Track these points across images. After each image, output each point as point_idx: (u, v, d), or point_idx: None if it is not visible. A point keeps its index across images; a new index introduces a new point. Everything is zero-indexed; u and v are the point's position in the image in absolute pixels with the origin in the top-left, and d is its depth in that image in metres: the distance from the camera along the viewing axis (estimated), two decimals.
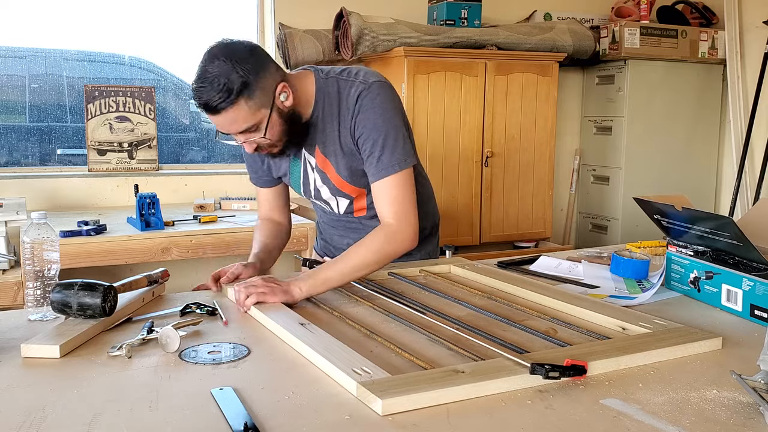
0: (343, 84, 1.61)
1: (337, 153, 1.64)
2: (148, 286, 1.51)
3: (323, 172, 1.69)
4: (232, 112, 1.46)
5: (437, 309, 1.45)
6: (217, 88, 1.43)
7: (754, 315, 1.42)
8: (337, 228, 1.88)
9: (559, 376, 1.06)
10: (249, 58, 1.48)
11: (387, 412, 0.96)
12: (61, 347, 1.17)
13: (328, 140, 1.64)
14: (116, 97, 3.36)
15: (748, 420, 0.96)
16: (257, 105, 1.48)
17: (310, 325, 1.28)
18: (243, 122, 1.49)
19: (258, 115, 1.50)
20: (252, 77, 1.46)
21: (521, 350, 1.20)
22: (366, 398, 0.99)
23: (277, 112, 1.53)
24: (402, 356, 1.18)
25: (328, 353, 1.13)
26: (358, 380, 1.01)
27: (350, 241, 1.75)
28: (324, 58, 3.51)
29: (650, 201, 1.65)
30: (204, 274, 3.36)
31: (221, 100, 1.44)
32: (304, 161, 1.70)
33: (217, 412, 0.96)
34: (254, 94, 1.47)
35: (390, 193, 1.58)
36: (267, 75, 1.50)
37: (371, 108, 1.57)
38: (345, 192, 1.71)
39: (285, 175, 1.78)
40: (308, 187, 1.75)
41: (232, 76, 1.44)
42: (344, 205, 1.76)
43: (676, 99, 4.11)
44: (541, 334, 1.31)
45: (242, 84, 1.44)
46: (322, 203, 1.80)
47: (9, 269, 2.59)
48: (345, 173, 1.66)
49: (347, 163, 1.64)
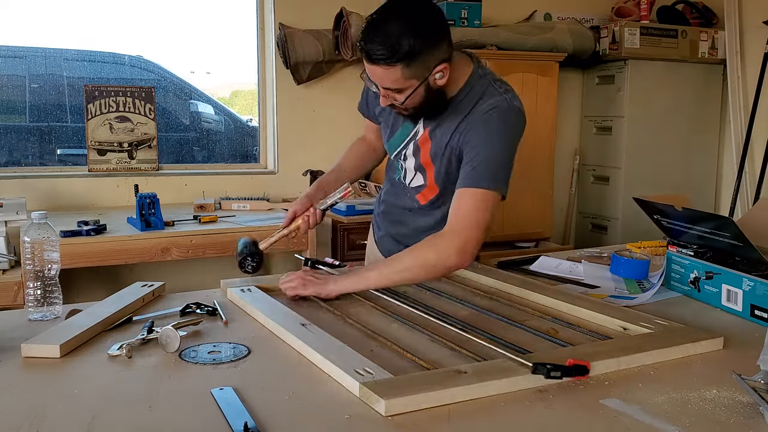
0: (490, 90, 1.61)
1: (441, 144, 1.66)
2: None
3: (419, 148, 1.72)
4: (385, 70, 1.47)
5: (439, 309, 1.45)
6: (385, 43, 1.44)
7: (754, 315, 1.42)
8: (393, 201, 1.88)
9: (561, 376, 1.06)
10: (429, 29, 1.47)
11: (390, 413, 0.96)
12: (61, 347, 1.17)
13: (442, 128, 1.65)
14: (116, 97, 3.36)
15: (748, 420, 0.96)
16: (411, 75, 1.49)
17: (311, 325, 1.28)
18: (390, 83, 1.51)
19: (407, 83, 1.51)
20: (420, 50, 1.45)
21: (523, 350, 1.20)
22: (368, 399, 0.99)
23: (425, 87, 1.53)
24: (404, 357, 1.18)
25: (330, 353, 1.13)
26: (360, 381, 1.01)
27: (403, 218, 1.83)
28: (324, 58, 3.51)
29: (650, 201, 1.65)
30: (204, 274, 3.37)
31: (382, 57, 1.45)
32: (416, 128, 1.72)
33: (217, 412, 0.96)
34: (414, 65, 1.47)
35: (467, 204, 1.51)
36: (435, 51, 1.50)
37: (497, 124, 1.56)
38: (425, 174, 1.73)
39: (390, 127, 1.79)
40: (404, 149, 1.76)
41: (403, 41, 1.43)
42: (417, 183, 1.77)
43: (676, 99, 4.11)
44: (543, 334, 1.31)
45: (408, 53, 1.44)
46: (402, 169, 1.80)
47: (9, 269, 2.59)
48: (436, 163, 1.68)
49: (442, 157, 1.66)
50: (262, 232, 2.83)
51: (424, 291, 1.62)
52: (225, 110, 3.92)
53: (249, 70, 3.80)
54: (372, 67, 1.49)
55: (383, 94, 1.56)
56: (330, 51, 3.50)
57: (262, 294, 1.52)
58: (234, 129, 3.92)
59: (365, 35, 1.47)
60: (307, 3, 3.59)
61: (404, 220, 1.86)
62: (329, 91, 3.71)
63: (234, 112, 3.95)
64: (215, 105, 3.89)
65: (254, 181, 3.63)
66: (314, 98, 3.69)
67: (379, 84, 1.54)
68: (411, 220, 1.83)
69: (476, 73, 1.64)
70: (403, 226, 1.86)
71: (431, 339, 1.28)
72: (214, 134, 3.83)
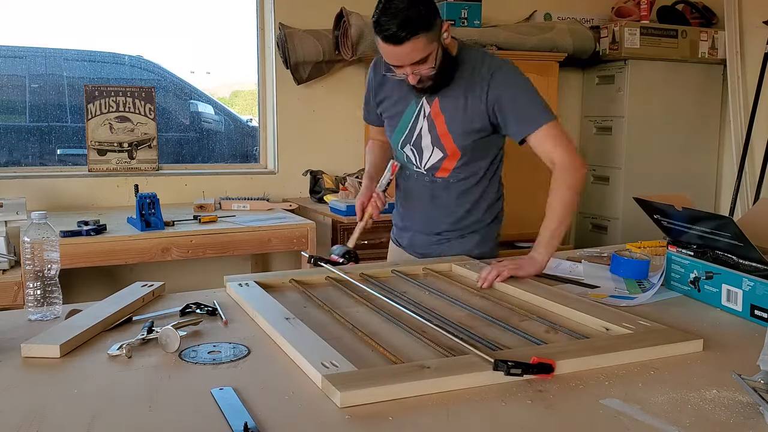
0: (483, 53, 1.83)
1: (457, 109, 1.80)
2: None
3: (433, 122, 1.85)
4: (411, 43, 1.62)
5: (433, 309, 1.45)
6: (403, 22, 1.59)
7: (754, 315, 1.42)
8: (411, 195, 2.00)
9: (521, 373, 1.07)
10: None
11: (346, 405, 0.98)
12: (61, 347, 1.17)
13: (449, 98, 1.81)
14: (116, 97, 3.36)
15: (748, 420, 0.96)
16: (431, 38, 1.65)
17: (294, 320, 1.30)
18: (418, 54, 1.65)
19: (429, 48, 1.66)
20: (429, 13, 1.63)
21: (496, 347, 1.22)
22: (328, 390, 1.02)
23: (441, 48, 1.70)
24: (379, 353, 1.20)
25: (301, 346, 1.16)
26: (323, 373, 1.04)
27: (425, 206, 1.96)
28: (324, 58, 3.51)
29: (650, 201, 1.65)
30: (204, 274, 3.37)
31: (407, 33, 1.60)
32: (420, 108, 1.86)
33: (217, 412, 0.96)
34: (431, 29, 1.64)
35: (554, 135, 1.75)
36: (437, 13, 1.68)
37: (508, 75, 1.77)
38: (443, 145, 1.86)
39: (394, 117, 1.93)
40: (412, 132, 1.89)
41: (413, 12, 1.60)
42: (435, 159, 1.89)
43: (676, 99, 4.11)
44: (520, 331, 1.33)
45: (423, 18, 1.61)
46: (413, 154, 1.92)
47: (9, 269, 2.59)
48: (456, 130, 1.82)
49: (463, 121, 1.81)
50: (263, 233, 2.84)
51: (424, 291, 1.62)
52: (225, 110, 3.92)
53: (249, 70, 3.80)
54: (398, 49, 1.63)
55: (412, 72, 1.69)
56: (330, 51, 3.50)
57: (259, 289, 1.54)
58: (234, 129, 3.92)
59: (382, 26, 1.61)
60: (307, 3, 3.59)
61: (428, 210, 1.97)
62: (329, 91, 3.71)
63: (234, 112, 3.95)
64: (215, 105, 3.89)
65: (254, 181, 3.63)
66: (314, 98, 3.69)
67: (408, 62, 1.67)
68: (433, 207, 1.96)
69: (463, 45, 1.83)
70: (428, 216, 1.97)
71: (414, 337, 1.29)
72: (214, 134, 3.83)
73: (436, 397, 1.02)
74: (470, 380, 1.06)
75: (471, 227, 1.96)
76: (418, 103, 1.86)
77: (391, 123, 1.95)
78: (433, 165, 1.90)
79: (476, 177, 1.92)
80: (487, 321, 1.40)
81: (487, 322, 1.40)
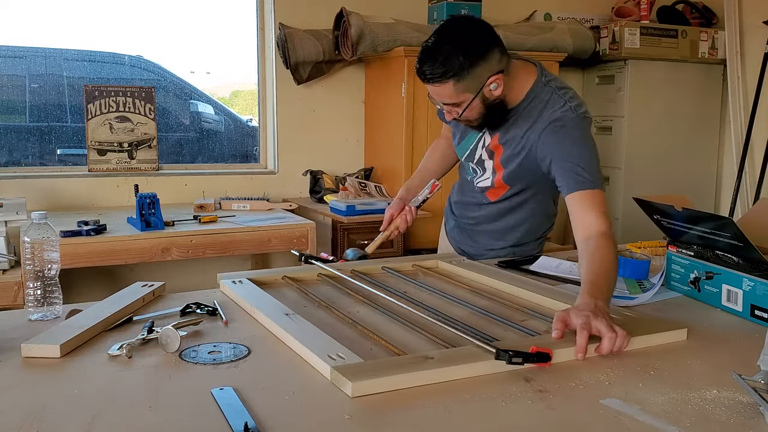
0: (556, 98, 1.72)
1: (514, 150, 1.78)
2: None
3: (492, 153, 1.84)
4: (438, 87, 1.62)
5: (435, 307, 1.46)
6: (435, 63, 1.59)
7: (754, 315, 1.42)
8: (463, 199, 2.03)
9: (522, 362, 1.10)
10: (475, 45, 1.61)
11: (356, 394, 1.01)
12: (62, 347, 1.17)
13: (511, 133, 1.77)
14: (116, 97, 3.36)
15: (748, 420, 0.96)
16: (463, 89, 1.63)
17: (294, 315, 1.32)
18: (446, 98, 1.65)
19: (461, 97, 1.64)
20: (468, 65, 1.59)
21: (491, 338, 1.25)
22: (338, 381, 1.04)
23: (480, 98, 1.66)
24: (383, 346, 1.22)
25: (307, 339, 1.18)
26: (332, 365, 1.06)
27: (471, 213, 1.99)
28: (324, 58, 3.51)
29: (650, 201, 1.65)
30: (204, 274, 3.37)
31: (432, 75, 1.60)
32: (481, 136, 1.85)
33: (217, 412, 0.96)
34: (464, 80, 1.61)
35: (599, 205, 1.58)
36: (485, 65, 1.62)
37: (572, 125, 1.67)
38: (494, 176, 1.87)
39: (458, 133, 1.94)
40: (473, 154, 1.90)
41: (452, 58, 1.58)
42: (485, 183, 1.90)
43: (676, 99, 4.11)
44: (514, 323, 1.36)
45: (456, 69, 1.58)
46: (470, 167, 1.94)
47: (9, 269, 2.59)
48: (507, 168, 1.81)
49: (513, 164, 1.79)
50: (263, 233, 2.84)
51: (425, 291, 1.62)
52: (225, 110, 3.92)
53: (249, 70, 3.80)
54: (429, 86, 1.64)
55: (446, 110, 1.70)
56: (330, 51, 3.50)
57: (253, 286, 1.55)
58: (234, 129, 3.92)
59: (419, 59, 1.62)
60: (307, 3, 3.59)
61: (473, 213, 2.00)
62: (329, 91, 3.71)
63: (234, 112, 3.95)
64: (215, 105, 3.89)
65: (254, 181, 3.63)
66: (314, 98, 3.69)
67: (438, 100, 1.68)
68: (479, 212, 1.98)
69: (539, 81, 1.75)
70: (471, 218, 2.01)
71: (415, 332, 1.30)
72: (214, 134, 3.83)
73: (438, 395, 1.02)
74: (473, 370, 1.10)
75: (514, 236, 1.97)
76: (480, 131, 1.84)
77: (456, 136, 1.96)
78: (483, 187, 1.92)
79: (526, 204, 1.91)
80: (480, 314, 1.42)
81: (481, 316, 1.41)
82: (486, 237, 2.00)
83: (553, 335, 1.21)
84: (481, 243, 2.01)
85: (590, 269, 1.41)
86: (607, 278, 1.38)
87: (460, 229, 2.07)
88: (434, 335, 1.26)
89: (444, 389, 1.05)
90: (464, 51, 1.58)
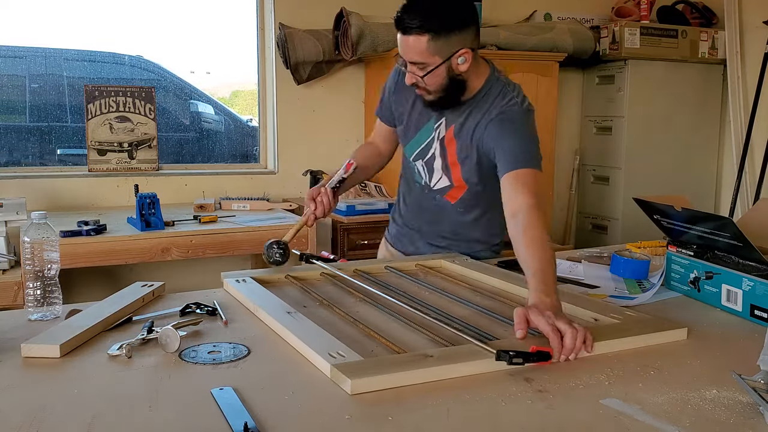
0: (505, 92, 1.76)
1: (467, 142, 1.78)
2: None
3: (445, 148, 1.83)
4: (413, 40, 1.62)
5: (437, 306, 1.46)
6: (417, 15, 1.60)
7: (754, 315, 1.42)
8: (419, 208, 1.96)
9: (523, 362, 1.10)
10: (458, 13, 1.64)
11: (356, 391, 1.01)
12: (61, 347, 1.17)
13: (465, 127, 1.78)
14: (116, 97, 3.36)
15: (748, 420, 0.96)
16: (435, 50, 1.63)
17: (296, 313, 1.33)
18: (415, 55, 1.64)
19: (430, 59, 1.64)
20: (447, 27, 1.62)
21: (490, 336, 1.25)
22: (338, 379, 1.04)
23: (447, 67, 1.67)
24: (382, 344, 1.22)
25: (307, 337, 1.19)
26: (332, 362, 1.07)
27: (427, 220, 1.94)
28: (324, 58, 3.51)
29: (650, 201, 1.65)
30: (204, 275, 3.37)
31: (410, 25, 1.61)
32: (437, 128, 1.83)
33: (217, 412, 0.96)
34: (439, 40, 1.62)
35: (530, 184, 1.61)
36: (461, 34, 1.65)
37: (516, 118, 1.72)
38: (451, 175, 1.85)
39: (410, 130, 1.89)
40: (426, 150, 1.87)
41: (433, 15, 1.60)
42: (443, 185, 1.88)
43: (676, 99, 4.11)
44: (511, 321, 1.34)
45: (436, 26, 1.60)
46: (424, 171, 1.91)
47: (9, 269, 2.59)
48: (464, 160, 1.80)
49: (469, 157, 1.79)
50: (263, 233, 2.84)
51: (426, 290, 1.62)
52: (225, 110, 3.92)
53: (249, 70, 3.80)
54: (403, 39, 1.63)
55: (409, 70, 1.69)
56: (330, 51, 3.50)
57: (256, 285, 1.56)
58: (234, 129, 3.92)
59: (403, 7, 1.62)
60: (307, 3, 3.59)
61: (439, 219, 1.94)
62: (329, 91, 3.71)
63: (234, 112, 3.95)
64: (215, 105, 3.89)
65: (254, 181, 3.63)
66: (314, 98, 3.69)
67: (407, 57, 1.66)
68: (447, 218, 1.92)
69: (493, 76, 1.79)
70: (439, 224, 1.95)
71: (415, 331, 1.31)
72: (214, 134, 3.83)
73: (438, 395, 1.02)
74: (472, 368, 1.10)
75: (475, 237, 1.94)
76: (437, 121, 1.83)
77: (407, 131, 1.91)
78: (441, 189, 1.89)
79: (486, 203, 1.88)
80: (482, 313, 1.42)
81: (482, 315, 1.42)
82: (439, 239, 1.95)
83: (518, 335, 1.21)
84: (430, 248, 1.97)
85: (533, 257, 1.41)
86: (550, 264, 1.38)
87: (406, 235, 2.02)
88: (435, 334, 1.26)
89: (444, 389, 1.04)
90: (447, 13, 1.61)
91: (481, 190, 1.84)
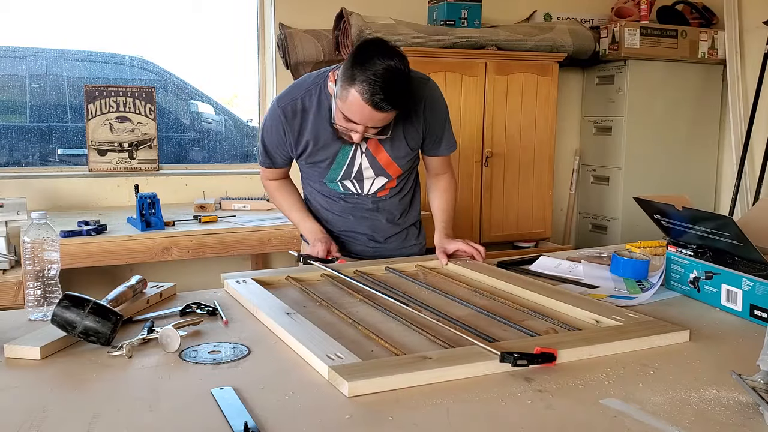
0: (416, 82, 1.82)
1: (396, 138, 1.86)
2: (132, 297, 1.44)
3: (373, 156, 1.89)
4: (385, 115, 1.66)
5: (437, 307, 1.46)
6: (395, 99, 1.62)
7: (753, 315, 1.42)
8: (344, 214, 2.02)
9: (527, 363, 1.10)
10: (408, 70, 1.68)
11: (353, 394, 1.01)
12: (42, 349, 1.16)
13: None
14: (116, 97, 3.36)
15: (748, 420, 0.96)
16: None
17: (295, 314, 1.33)
18: (380, 122, 1.69)
19: (390, 117, 1.71)
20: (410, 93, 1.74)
21: (491, 338, 1.25)
22: (335, 381, 1.04)
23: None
24: (381, 346, 1.21)
25: (306, 339, 1.18)
26: (330, 365, 1.07)
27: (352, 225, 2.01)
28: (324, 58, 3.50)
29: (650, 201, 1.65)
30: (204, 275, 3.37)
31: (388, 108, 1.63)
32: (355, 147, 1.88)
33: (217, 412, 0.96)
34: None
35: (451, 162, 2.06)
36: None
37: (438, 101, 1.92)
38: (388, 172, 1.93)
39: (324, 160, 1.90)
40: (351, 168, 1.91)
41: (405, 96, 1.67)
42: (378, 185, 1.96)
43: (676, 99, 4.11)
44: (513, 323, 1.36)
45: (405, 103, 1.70)
46: (353, 185, 1.96)
47: (9, 269, 2.59)
48: (400, 155, 1.90)
49: (405, 147, 1.89)
50: (263, 233, 2.84)
51: (425, 290, 1.62)
52: (225, 110, 3.92)
53: (249, 70, 3.80)
54: (375, 114, 1.63)
55: (365, 132, 1.71)
56: (330, 51, 3.50)
57: (256, 286, 1.56)
58: (234, 129, 3.92)
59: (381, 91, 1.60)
60: (307, 3, 3.59)
61: (372, 217, 2.01)
62: None
63: (234, 113, 3.95)
64: (215, 105, 3.89)
65: (254, 181, 3.63)
66: None
67: (370, 124, 1.68)
68: (375, 218, 2.01)
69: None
70: (374, 221, 2.02)
71: (415, 332, 1.30)
72: (215, 134, 3.83)
73: (438, 395, 1.02)
74: (471, 370, 1.10)
75: (410, 222, 2.08)
76: (351, 144, 1.85)
77: (321, 165, 1.91)
78: (375, 190, 1.97)
79: (409, 183, 2.04)
80: (480, 314, 1.42)
81: (481, 316, 1.41)
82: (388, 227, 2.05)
83: (443, 262, 1.83)
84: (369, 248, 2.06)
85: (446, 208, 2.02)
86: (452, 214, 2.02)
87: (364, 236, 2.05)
88: (435, 335, 1.26)
89: (444, 390, 1.05)
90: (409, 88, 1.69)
91: (410, 170, 2.00)
